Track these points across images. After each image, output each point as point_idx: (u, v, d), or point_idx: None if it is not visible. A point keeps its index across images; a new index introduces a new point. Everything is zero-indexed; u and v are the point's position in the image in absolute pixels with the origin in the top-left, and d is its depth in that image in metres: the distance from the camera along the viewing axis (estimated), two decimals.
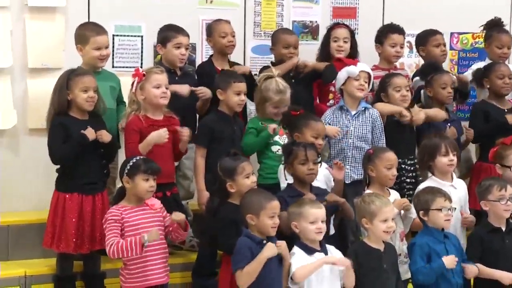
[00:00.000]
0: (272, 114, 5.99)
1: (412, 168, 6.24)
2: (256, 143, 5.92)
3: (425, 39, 7.01)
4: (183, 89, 6.05)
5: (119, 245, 5.06)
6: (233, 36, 6.47)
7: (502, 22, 7.15)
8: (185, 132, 5.71)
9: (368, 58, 6.85)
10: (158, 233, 5.14)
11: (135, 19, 6.66)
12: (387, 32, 6.84)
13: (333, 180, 5.67)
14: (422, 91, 6.76)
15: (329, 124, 6.02)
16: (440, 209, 5.33)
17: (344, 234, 5.78)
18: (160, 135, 5.54)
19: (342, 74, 6.19)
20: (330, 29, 6.77)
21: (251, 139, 5.93)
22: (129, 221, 5.17)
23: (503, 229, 5.53)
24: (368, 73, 6.21)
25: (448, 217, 5.35)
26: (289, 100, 6.02)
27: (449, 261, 5.25)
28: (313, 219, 4.96)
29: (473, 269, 5.38)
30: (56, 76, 5.98)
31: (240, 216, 5.02)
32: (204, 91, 6.14)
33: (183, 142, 5.73)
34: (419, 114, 6.32)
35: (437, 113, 6.43)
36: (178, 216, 5.27)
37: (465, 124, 6.78)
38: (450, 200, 5.38)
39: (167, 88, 5.66)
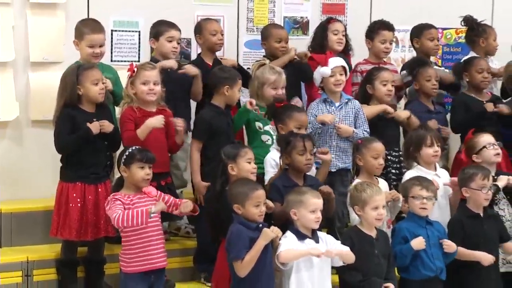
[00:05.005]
0: (271, 97, 6.10)
1: (397, 160, 6.34)
2: (237, 119, 6.06)
3: (420, 31, 7.07)
4: (170, 63, 6.17)
5: (125, 213, 5.08)
6: (222, 35, 6.62)
7: (476, 19, 7.21)
8: (179, 122, 5.80)
9: (356, 52, 6.99)
10: (164, 205, 5.23)
11: (133, 14, 6.78)
12: (378, 29, 6.91)
13: (321, 163, 5.78)
14: (407, 89, 6.91)
15: (316, 115, 6.11)
16: (415, 197, 5.47)
17: (331, 220, 5.89)
18: (158, 119, 5.63)
19: (317, 75, 6.27)
20: (327, 23, 6.83)
21: (235, 117, 6.08)
22: (130, 207, 5.19)
23: (481, 215, 5.66)
24: (342, 66, 6.25)
25: (423, 206, 5.45)
26: (285, 82, 6.17)
27: (417, 243, 5.36)
28: (314, 208, 5.05)
29: (451, 244, 5.46)
30: (57, 69, 6.14)
31: None
32: (189, 68, 6.25)
33: (179, 134, 5.81)
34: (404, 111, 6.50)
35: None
36: (186, 208, 5.35)
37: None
38: (428, 190, 5.47)
39: (155, 84, 5.70)
